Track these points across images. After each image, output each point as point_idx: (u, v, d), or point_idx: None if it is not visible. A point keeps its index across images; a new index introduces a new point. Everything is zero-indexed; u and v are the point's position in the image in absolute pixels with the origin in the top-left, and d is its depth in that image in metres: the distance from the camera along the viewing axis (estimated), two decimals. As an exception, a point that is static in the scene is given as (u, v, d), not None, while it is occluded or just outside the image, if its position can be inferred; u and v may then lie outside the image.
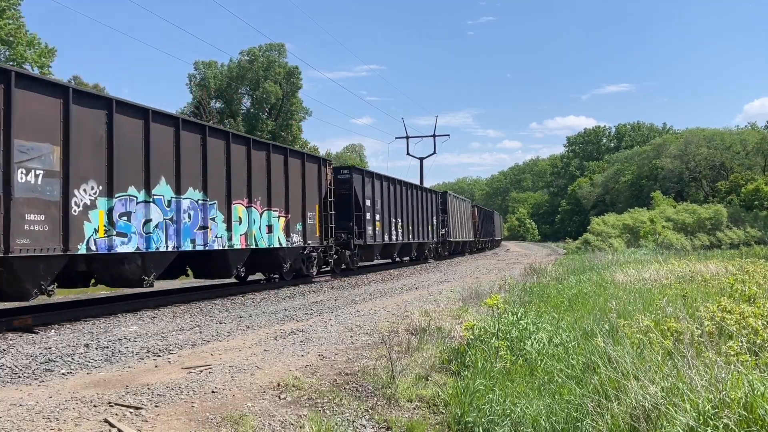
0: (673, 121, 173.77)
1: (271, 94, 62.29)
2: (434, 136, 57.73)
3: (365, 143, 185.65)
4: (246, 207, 14.46)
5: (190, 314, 11.26)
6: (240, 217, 14.25)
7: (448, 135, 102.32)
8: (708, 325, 6.05)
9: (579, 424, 4.40)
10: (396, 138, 60.34)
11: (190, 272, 14.68)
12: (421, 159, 56.86)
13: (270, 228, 15.45)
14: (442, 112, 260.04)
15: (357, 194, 21.31)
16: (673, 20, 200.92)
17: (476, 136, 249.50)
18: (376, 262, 25.06)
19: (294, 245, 16.67)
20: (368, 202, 21.97)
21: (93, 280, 11.52)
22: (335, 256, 19.59)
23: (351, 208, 21.00)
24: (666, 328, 6.03)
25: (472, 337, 7.04)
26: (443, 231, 33.95)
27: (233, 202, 13.93)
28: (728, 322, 5.96)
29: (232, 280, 16.12)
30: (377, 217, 22.80)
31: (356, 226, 20.94)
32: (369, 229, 21.87)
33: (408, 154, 61.55)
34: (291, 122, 64.86)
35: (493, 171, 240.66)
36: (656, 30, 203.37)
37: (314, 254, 18.05)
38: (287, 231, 16.29)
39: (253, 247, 14.69)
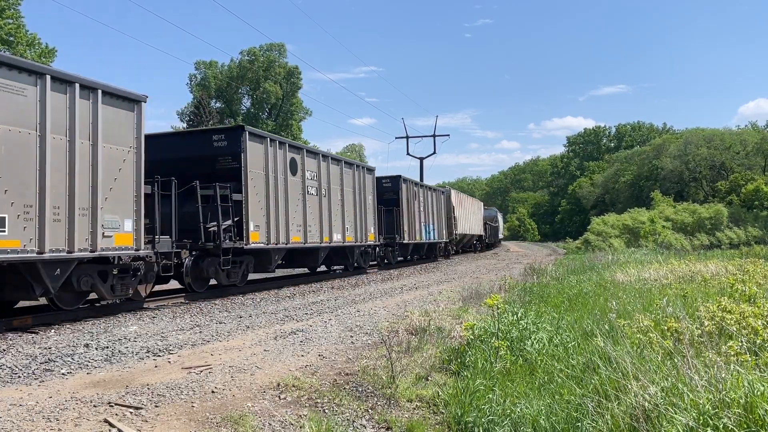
0: (670, 123, 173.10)
1: (271, 94, 62.43)
2: (434, 136, 57.78)
3: (365, 143, 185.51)
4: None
5: (190, 314, 11.26)
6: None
7: (449, 135, 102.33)
8: (708, 325, 6.05)
9: (579, 424, 4.40)
10: (396, 138, 60.49)
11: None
12: (421, 159, 56.91)
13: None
14: (442, 113, 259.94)
15: None
16: (668, 23, 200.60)
17: (475, 136, 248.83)
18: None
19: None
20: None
21: None
22: None
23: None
24: (666, 328, 6.03)
25: (472, 337, 7.05)
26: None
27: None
28: (728, 322, 5.96)
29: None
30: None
31: None
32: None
33: (408, 154, 61.65)
34: (291, 122, 65.01)
35: (492, 171, 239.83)
36: (651, 32, 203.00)
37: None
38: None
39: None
